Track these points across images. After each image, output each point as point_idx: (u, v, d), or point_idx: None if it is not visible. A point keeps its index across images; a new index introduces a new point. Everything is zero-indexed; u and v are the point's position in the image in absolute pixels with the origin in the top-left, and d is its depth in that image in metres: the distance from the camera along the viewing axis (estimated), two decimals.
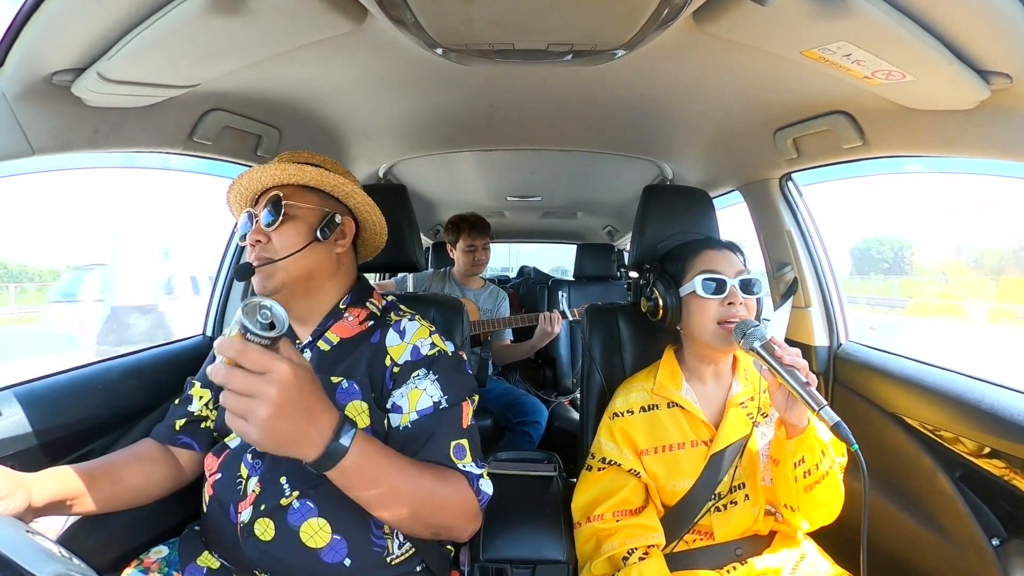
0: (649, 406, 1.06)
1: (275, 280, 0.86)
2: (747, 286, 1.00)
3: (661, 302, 1.07)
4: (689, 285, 1.02)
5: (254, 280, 0.87)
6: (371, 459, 0.70)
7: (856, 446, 0.77)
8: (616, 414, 1.07)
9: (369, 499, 0.72)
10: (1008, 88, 0.79)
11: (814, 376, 0.84)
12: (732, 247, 1.07)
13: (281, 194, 0.87)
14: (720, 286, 1.00)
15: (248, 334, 0.59)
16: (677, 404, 1.04)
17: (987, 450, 0.96)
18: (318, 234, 0.88)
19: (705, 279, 1.00)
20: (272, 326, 0.60)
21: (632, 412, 1.06)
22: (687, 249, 1.08)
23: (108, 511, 0.82)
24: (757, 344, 0.87)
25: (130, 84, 0.88)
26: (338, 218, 0.91)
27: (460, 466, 0.83)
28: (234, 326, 0.60)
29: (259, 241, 0.87)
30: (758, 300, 1.03)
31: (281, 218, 0.86)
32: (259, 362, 0.59)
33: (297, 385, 0.61)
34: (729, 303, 0.99)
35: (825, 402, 0.80)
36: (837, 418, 0.78)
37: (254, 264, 0.86)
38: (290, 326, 0.92)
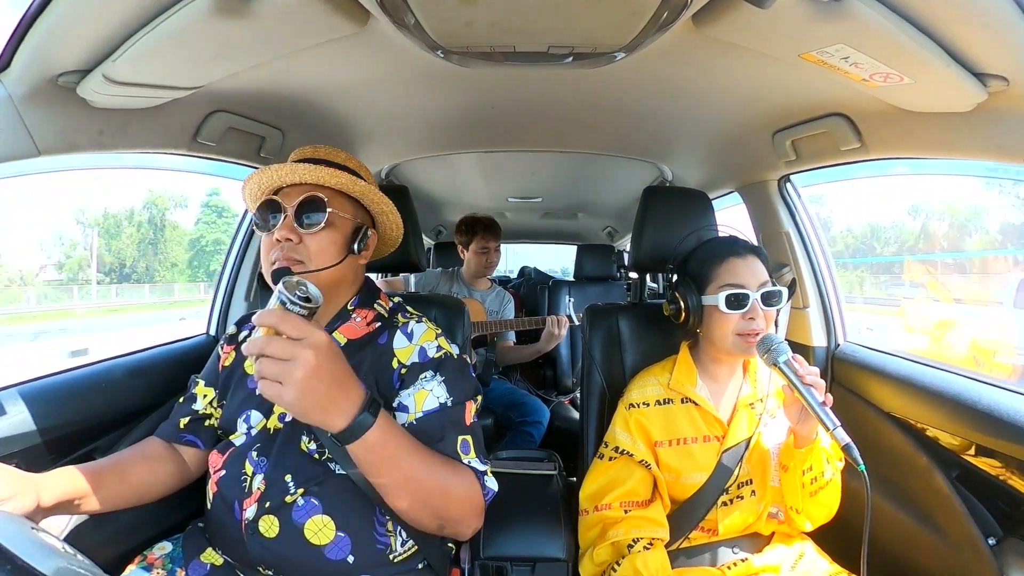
0: (664, 400, 1.08)
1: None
2: (768, 299, 1.00)
3: (683, 305, 1.07)
4: (712, 298, 1.02)
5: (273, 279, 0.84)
6: (392, 438, 0.72)
7: (863, 467, 0.81)
8: (632, 405, 1.08)
9: (386, 480, 0.74)
10: (1005, 91, 0.79)
11: (830, 396, 0.88)
12: (757, 252, 1.06)
13: (325, 197, 0.85)
14: (742, 301, 0.99)
15: (288, 304, 0.65)
16: (691, 400, 1.06)
17: (983, 450, 0.97)
18: (354, 247, 0.88)
19: (728, 295, 0.99)
20: (308, 300, 0.66)
21: (648, 404, 1.07)
22: (712, 253, 1.07)
23: (115, 509, 0.82)
24: (781, 361, 0.91)
25: (135, 86, 0.89)
26: (369, 231, 0.91)
27: (465, 461, 0.84)
28: (274, 300, 0.66)
29: (289, 240, 0.83)
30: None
31: (324, 223, 0.84)
32: (298, 328, 0.63)
33: (332, 352, 0.65)
34: (750, 317, 0.99)
35: (839, 422, 0.84)
36: (848, 439, 0.83)
37: (285, 265, 0.83)
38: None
